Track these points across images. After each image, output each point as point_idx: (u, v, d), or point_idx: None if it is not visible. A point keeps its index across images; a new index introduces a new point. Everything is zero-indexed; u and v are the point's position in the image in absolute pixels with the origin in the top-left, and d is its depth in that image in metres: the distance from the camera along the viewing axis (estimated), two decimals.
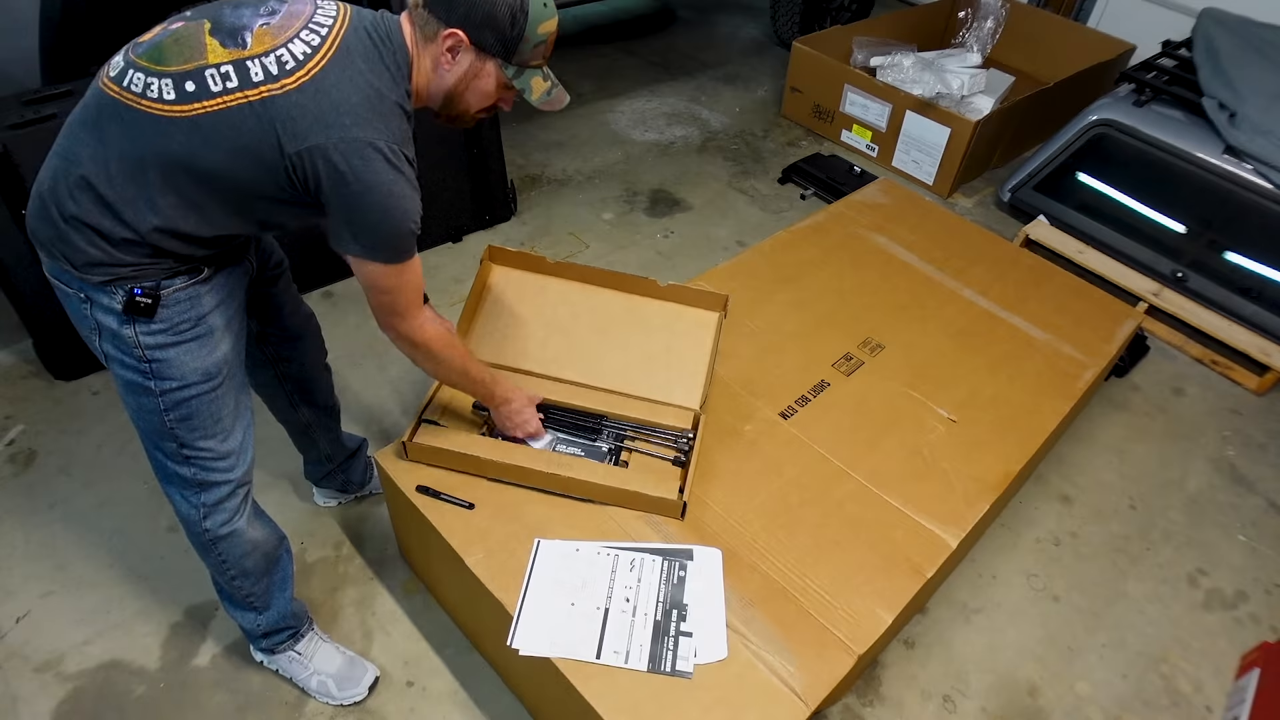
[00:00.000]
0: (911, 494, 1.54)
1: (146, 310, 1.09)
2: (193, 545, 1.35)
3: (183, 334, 1.14)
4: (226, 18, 1.05)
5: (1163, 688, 1.70)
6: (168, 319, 1.12)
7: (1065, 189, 2.89)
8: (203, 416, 1.20)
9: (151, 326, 1.11)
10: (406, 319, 1.20)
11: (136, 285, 1.09)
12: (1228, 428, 2.31)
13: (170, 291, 1.11)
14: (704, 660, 1.24)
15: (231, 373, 1.23)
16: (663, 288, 1.63)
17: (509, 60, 1.14)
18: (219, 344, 1.19)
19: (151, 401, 1.17)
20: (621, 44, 4.09)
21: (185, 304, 1.13)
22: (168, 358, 1.14)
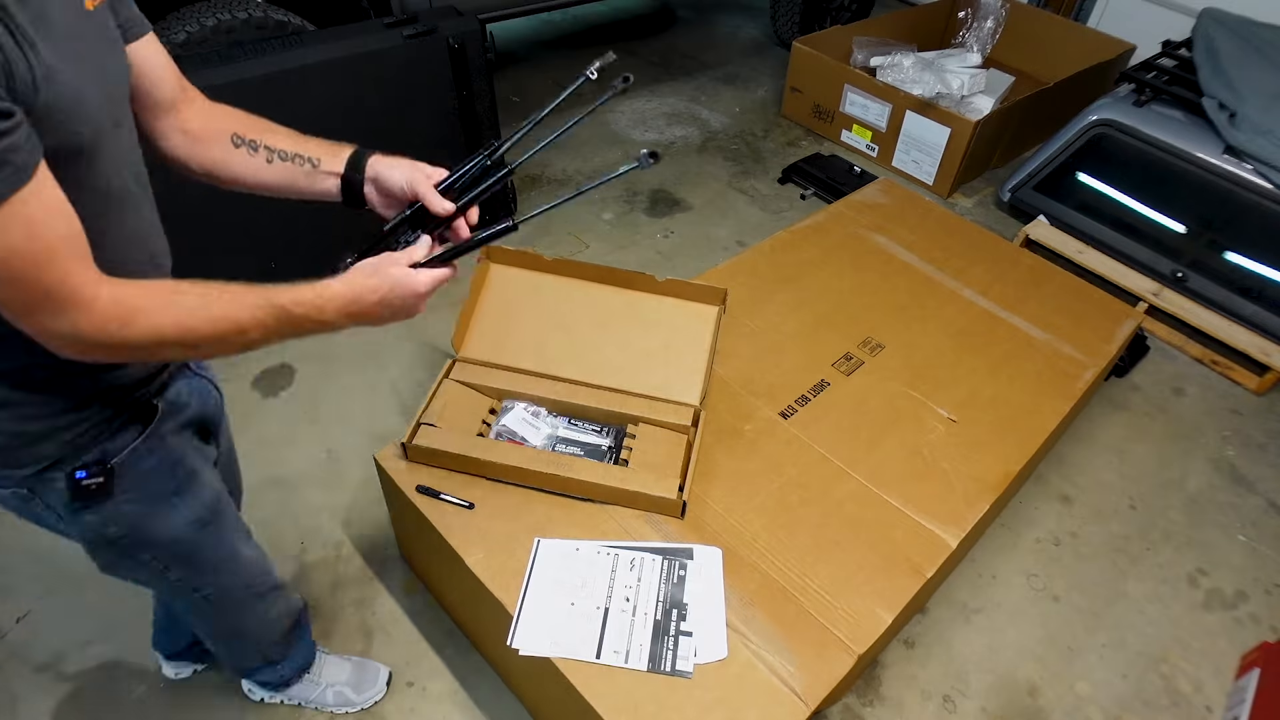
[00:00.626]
0: (911, 494, 1.54)
1: (100, 491, 0.85)
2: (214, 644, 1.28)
3: (157, 495, 0.92)
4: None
5: (1163, 688, 1.70)
6: (132, 486, 0.88)
7: (1065, 189, 2.89)
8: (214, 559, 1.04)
9: (117, 501, 0.88)
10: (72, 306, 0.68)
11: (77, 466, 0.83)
12: (1228, 428, 2.31)
13: (126, 455, 0.86)
14: (704, 660, 1.24)
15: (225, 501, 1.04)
16: (661, 283, 1.63)
17: None
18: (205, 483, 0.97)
19: (146, 568, 0.99)
20: (621, 44, 4.09)
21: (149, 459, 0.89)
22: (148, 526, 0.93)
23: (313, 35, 2.31)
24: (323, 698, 1.52)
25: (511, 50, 3.93)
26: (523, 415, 1.53)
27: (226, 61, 2.08)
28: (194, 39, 2.21)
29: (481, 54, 2.43)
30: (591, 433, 1.55)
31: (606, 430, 1.56)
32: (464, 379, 1.55)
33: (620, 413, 1.55)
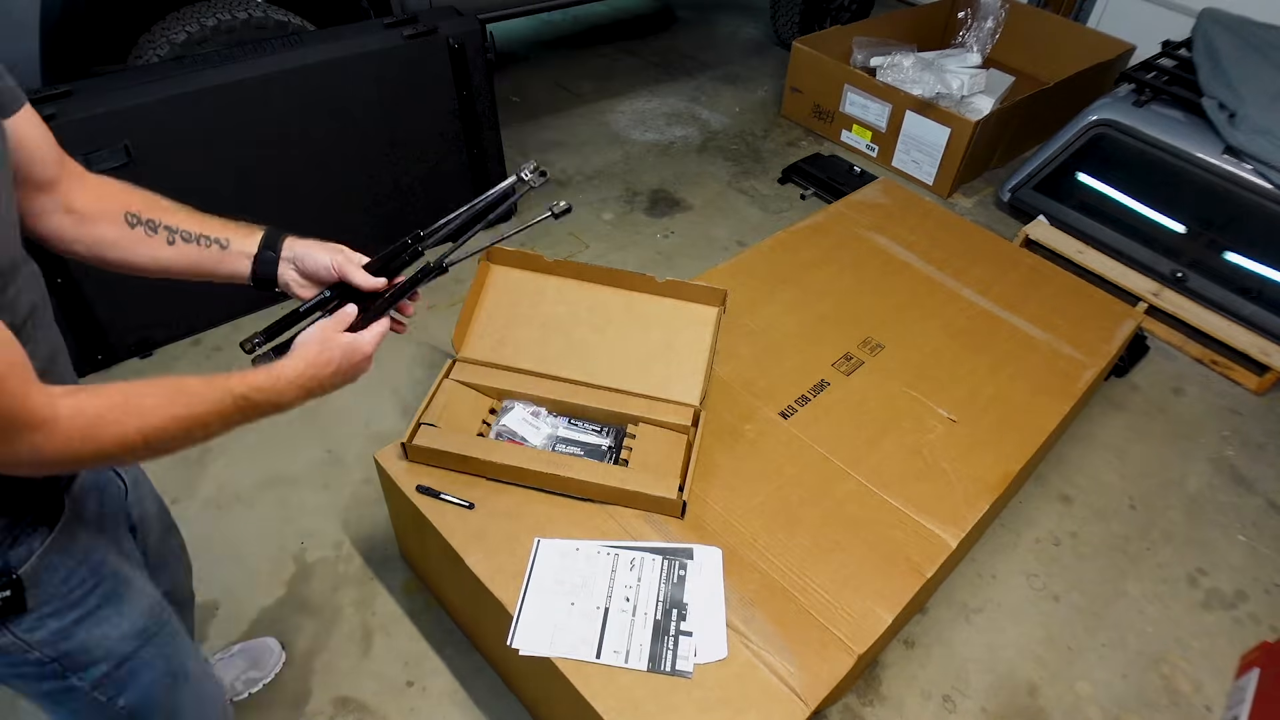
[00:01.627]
0: (911, 494, 1.54)
1: (12, 604, 0.74)
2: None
3: (85, 603, 0.81)
4: None
5: (1163, 688, 1.70)
6: (53, 595, 0.78)
7: (1065, 189, 2.89)
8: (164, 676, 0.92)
9: (34, 617, 0.77)
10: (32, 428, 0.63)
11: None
12: (1228, 428, 2.31)
13: (35, 560, 0.75)
14: (704, 660, 1.24)
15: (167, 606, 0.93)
16: (662, 284, 1.63)
17: None
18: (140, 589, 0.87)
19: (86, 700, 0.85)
20: (621, 44, 4.09)
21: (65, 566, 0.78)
22: (79, 642, 0.81)
23: (313, 35, 2.31)
24: (234, 690, 1.52)
25: (511, 50, 3.93)
26: (523, 415, 1.53)
27: (226, 61, 2.08)
28: (194, 39, 2.21)
29: (481, 54, 2.43)
30: (591, 433, 1.55)
31: (606, 430, 1.56)
32: (464, 379, 1.55)
33: (620, 413, 1.55)
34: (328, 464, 1.98)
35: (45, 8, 2.02)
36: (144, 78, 2.01)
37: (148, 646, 0.88)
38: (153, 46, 2.20)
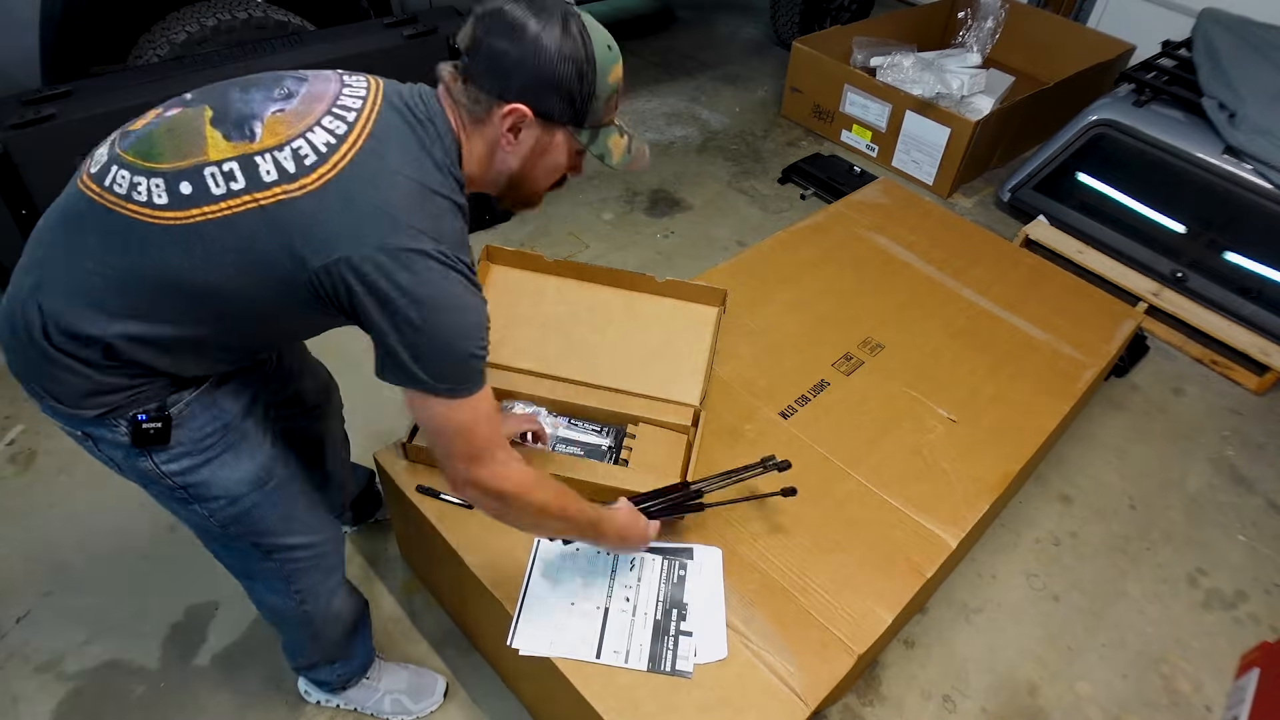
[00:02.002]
0: (911, 494, 1.54)
1: (159, 436, 0.93)
2: (271, 619, 1.30)
3: (210, 449, 0.98)
4: (233, 104, 0.86)
5: (1163, 688, 1.70)
6: (187, 439, 0.96)
7: (1065, 189, 2.89)
8: (271, 520, 1.07)
9: (171, 452, 0.95)
10: (487, 462, 0.96)
11: (139, 410, 0.92)
12: (1228, 428, 2.31)
13: (181, 407, 0.94)
14: (704, 660, 1.24)
15: (286, 466, 1.10)
16: (661, 283, 1.63)
17: (581, 124, 0.95)
18: (257, 447, 1.04)
19: (203, 520, 1.04)
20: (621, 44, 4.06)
21: (203, 417, 0.97)
22: (202, 478, 0.99)
23: (313, 35, 2.31)
24: (380, 705, 1.49)
25: None
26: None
27: (226, 61, 2.08)
28: (194, 39, 2.21)
29: None
30: (591, 433, 1.55)
31: (606, 430, 1.56)
32: None
33: (620, 413, 1.55)
34: None
35: (45, 7, 2.02)
36: (144, 78, 2.01)
37: (258, 491, 1.04)
38: (153, 46, 2.20)
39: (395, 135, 0.87)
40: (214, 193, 0.82)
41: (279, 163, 0.82)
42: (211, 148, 0.83)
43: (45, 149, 1.85)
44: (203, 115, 0.85)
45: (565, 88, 0.91)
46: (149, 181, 0.83)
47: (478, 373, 0.92)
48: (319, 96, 0.87)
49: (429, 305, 0.85)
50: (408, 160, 0.86)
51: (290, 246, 0.82)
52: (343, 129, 0.85)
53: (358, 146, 0.84)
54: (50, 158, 1.87)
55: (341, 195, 0.82)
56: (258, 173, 0.82)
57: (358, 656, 1.44)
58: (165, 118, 0.87)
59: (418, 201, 0.85)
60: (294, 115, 0.85)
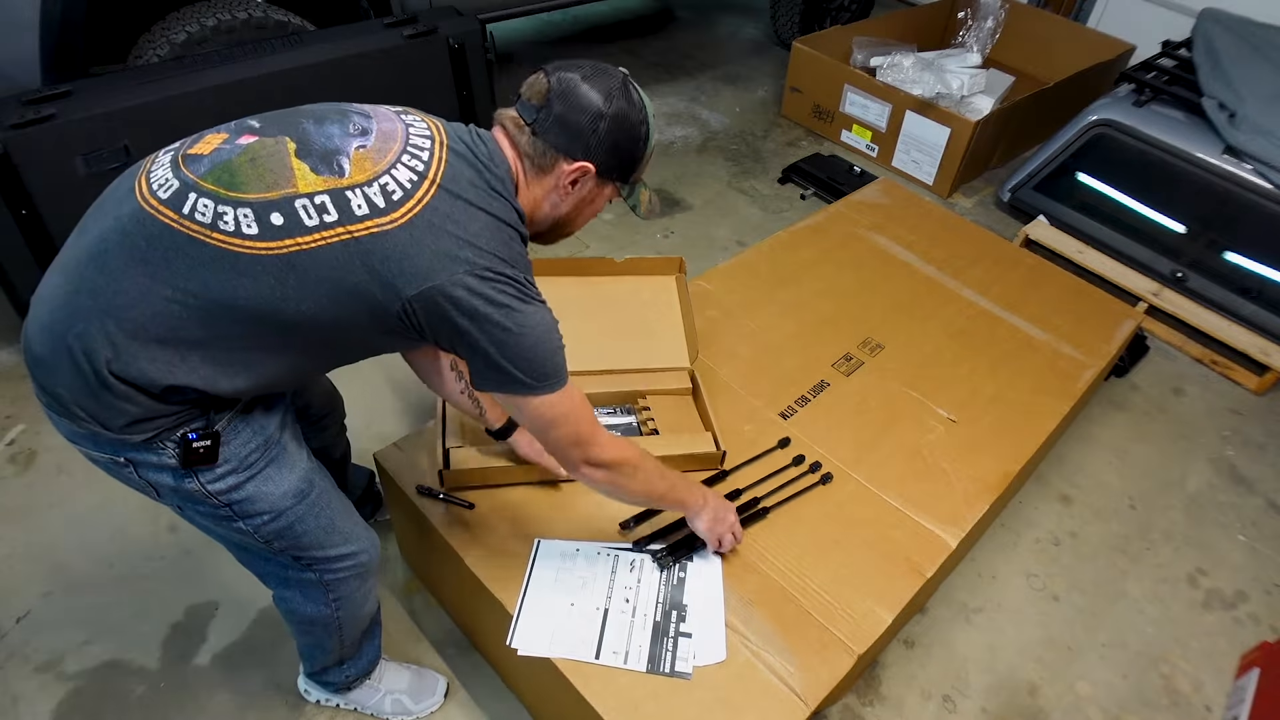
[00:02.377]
0: (911, 494, 1.54)
1: (208, 455, 0.96)
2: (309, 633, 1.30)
3: (254, 466, 1.01)
4: (314, 138, 0.91)
5: (1163, 688, 1.70)
6: (232, 456, 0.99)
7: (1065, 189, 2.89)
8: (315, 531, 1.10)
9: (217, 471, 0.98)
10: (595, 444, 1.09)
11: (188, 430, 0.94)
12: (1228, 428, 2.31)
13: (226, 423, 0.97)
14: (703, 662, 1.24)
15: (323, 477, 1.13)
16: (618, 263, 1.69)
17: (627, 181, 1.08)
18: (296, 459, 1.08)
19: (247, 538, 1.07)
20: (621, 44, 4.09)
21: (246, 433, 1.00)
22: (246, 495, 1.01)
23: (313, 35, 2.31)
24: (380, 705, 1.50)
25: (511, 50, 3.93)
26: None
27: (226, 61, 2.08)
28: (194, 39, 2.21)
29: (481, 54, 2.43)
30: (610, 415, 1.59)
31: (620, 410, 1.61)
32: None
33: (624, 391, 1.60)
34: None
35: (45, 8, 2.02)
36: (144, 78, 2.01)
37: (301, 504, 1.07)
38: (153, 46, 2.20)
39: (465, 175, 0.95)
40: (307, 224, 0.86)
41: (369, 198, 0.88)
42: (300, 180, 0.87)
43: (45, 149, 1.85)
44: (286, 147, 0.89)
45: (627, 152, 1.04)
46: (235, 211, 0.85)
47: (564, 367, 1.03)
48: (391, 135, 0.94)
49: (516, 315, 0.94)
50: (480, 196, 0.95)
51: (383, 276, 0.88)
52: (420, 166, 0.92)
53: (436, 184, 0.92)
54: (50, 158, 1.87)
55: (429, 229, 0.89)
56: (349, 206, 0.87)
57: (366, 656, 1.44)
58: (240, 146, 0.90)
59: (494, 232, 0.94)
60: (375, 153, 0.91)
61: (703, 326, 1.78)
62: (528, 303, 0.97)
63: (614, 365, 1.60)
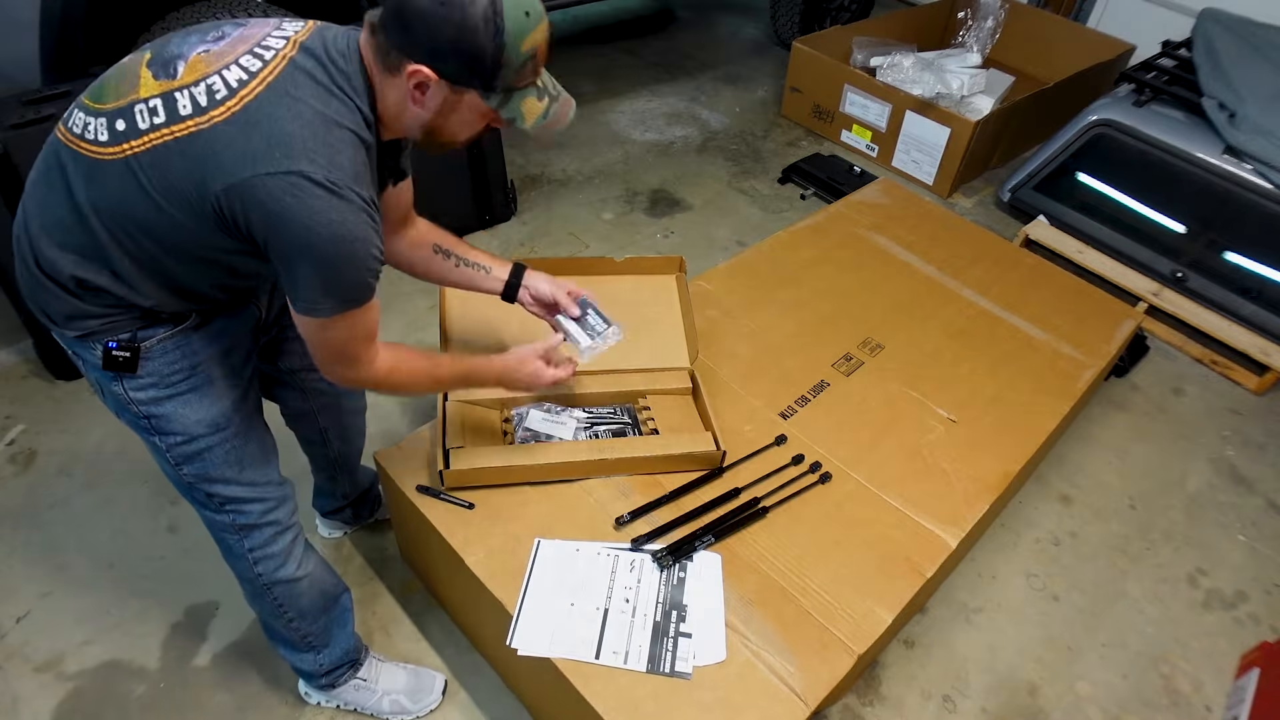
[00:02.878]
0: (911, 494, 1.54)
1: (126, 365, 1.01)
2: (245, 593, 1.32)
3: (175, 386, 1.05)
4: (170, 47, 0.93)
5: (1163, 688, 1.70)
6: (155, 371, 1.04)
7: (1065, 189, 2.89)
8: (221, 466, 1.13)
9: (139, 381, 1.03)
10: (358, 365, 1.06)
11: (110, 338, 1.00)
12: (1228, 428, 2.31)
13: (153, 343, 1.02)
14: (703, 663, 1.24)
15: (246, 419, 1.15)
16: (619, 263, 1.69)
17: (490, 89, 0.95)
18: (222, 394, 1.10)
19: (161, 456, 1.11)
20: (621, 44, 4.09)
21: (174, 354, 1.04)
22: (164, 412, 1.06)
23: None
24: (379, 706, 1.50)
25: None
26: (541, 415, 1.54)
27: None
28: None
29: None
30: (610, 416, 1.59)
31: (620, 410, 1.60)
32: (464, 398, 1.55)
33: (625, 391, 1.60)
34: None
35: (45, 7, 2.02)
36: None
37: (214, 436, 1.10)
38: None
39: (306, 72, 0.91)
40: (140, 127, 0.89)
41: (194, 97, 0.88)
42: (143, 86, 0.90)
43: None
44: (142, 58, 0.93)
45: (471, 54, 0.91)
46: (96, 121, 0.91)
47: (364, 295, 0.98)
48: (246, 39, 0.93)
49: (312, 229, 0.88)
50: (313, 95, 0.90)
51: (197, 174, 0.88)
52: (257, 65, 0.90)
53: (266, 82, 0.89)
54: None
55: (243, 126, 0.87)
56: (175, 107, 0.88)
57: (338, 644, 1.42)
58: (121, 63, 0.95)
59: (317, 132, 0.89)
60: (216, 55, 0.91)
61: (703, 326, 1.78)
62: (336, 210, 0.89)
63: (614, 365, 1.60)
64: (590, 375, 1.59)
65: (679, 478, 1.50)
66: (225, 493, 1.15)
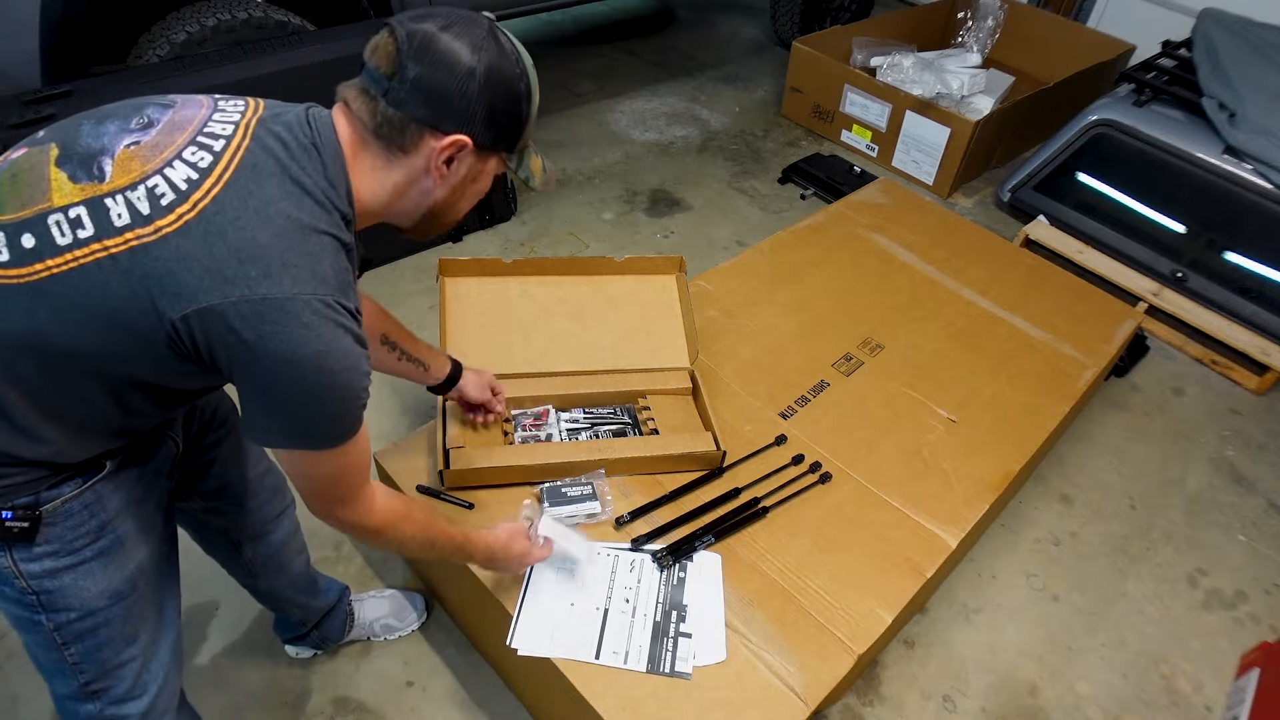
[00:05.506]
0: (911, 494, 1.54)
1: (23, 535, 0.81)
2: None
3: (79, 553, 0.86)
4: (82, 139, 0.76)
5: (1163, 688, 1.70)
6: (57, 538, 0.84)
7: (1065, 189, 2.89)
8: (115, 642, 0.93)
9: (34, 551, 0.83)
10: (351, 504, 0.92)
11: (5, 507, 0.80)
12: (1228, 428, 2.31)
13: (58, 504, 0.83)
14: (702, 663, 1.24)
15: (150, 578, 0.96)
16: (619, 263, 1.69)
17: (513, 150, 0.90)
18: (131, 554, 0.92)
19: (43, 637, 0.90)
20: (621, 44, 4.09)
21: (80, 515, 0.85)
22: (60, 585, 0.86)
23: (313, 35, 2.31)
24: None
25: None
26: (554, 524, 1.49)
27: (226, 61, 2.08)
28: (194, 39, 2.21)
29: None
30: (610, 416, 1.59)
31: (620, 410, 1.60)
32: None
33: (624, 391, 1.60)
34: None
35: (45, 7, 2.02)
36: (144, 78, 2.01)
37: (115, 607, 0.92)
38: (153, 46, 2.20)
39: (271, 166, 0.77)
40: (59, 243, 0.72)
41: (131, 204, 0.73)
42: (56, 191, 0.73)
43: None
44: (48, 154, 0.75)
45: (508, 115, 0.85)
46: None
47: (351, 428, 0.85)
48: (182, 125, 0.78)
49: (297, 363, 0.75)
50: (283, 194, 0.76)
51: (144, 297, 0.72)
52: (207, 160, 0.75)
53: (223, 181, 0.74)
54: None
55: (203, 238, 0.73)
56: (108, 217, 0.72)
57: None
58: (11, 160, 0.77)
59: (293, 241, 0.75)
60: (150, 148, 0.75)
61: (703, 326, 1.79)
62: (324, 337, 0.76)
63: (614, 365, 1.61)
64: (590, 375, 1.59)
65: (679, 478, 1.50)
66: (104, 679, 0.95)
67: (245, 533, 1.25)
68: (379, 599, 1.64)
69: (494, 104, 0.83)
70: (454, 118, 0.82)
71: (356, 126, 0.84)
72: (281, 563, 1.34)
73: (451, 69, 0.80)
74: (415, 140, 0.83)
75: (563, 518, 1.38)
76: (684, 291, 1.69)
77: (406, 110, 0.81)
